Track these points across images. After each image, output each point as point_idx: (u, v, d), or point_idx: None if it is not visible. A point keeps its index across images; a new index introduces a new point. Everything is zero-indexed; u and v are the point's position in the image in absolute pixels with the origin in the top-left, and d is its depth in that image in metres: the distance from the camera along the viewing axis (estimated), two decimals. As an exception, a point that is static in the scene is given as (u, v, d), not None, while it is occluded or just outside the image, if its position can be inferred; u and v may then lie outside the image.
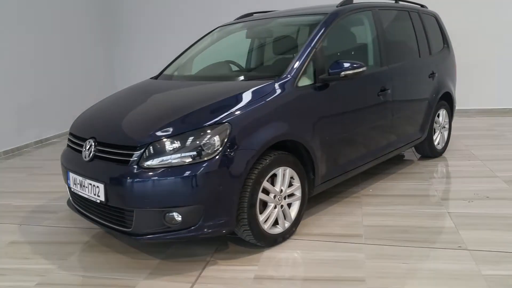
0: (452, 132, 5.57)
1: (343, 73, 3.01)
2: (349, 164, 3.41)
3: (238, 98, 2.71)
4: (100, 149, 2.66)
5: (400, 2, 4.40)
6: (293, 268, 2.56)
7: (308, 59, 3.01)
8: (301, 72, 2.96)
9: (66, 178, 2.93)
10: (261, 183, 2.64)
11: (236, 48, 4.05)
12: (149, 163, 2.44)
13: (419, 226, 3.04)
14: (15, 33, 6.16)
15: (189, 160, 2.43)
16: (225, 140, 2.48)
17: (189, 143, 2.46)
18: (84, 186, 2.71)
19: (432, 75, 4.40)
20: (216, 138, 2.47)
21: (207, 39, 4.13)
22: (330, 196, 3.68)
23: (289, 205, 2.93)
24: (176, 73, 3.77)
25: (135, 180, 2.42)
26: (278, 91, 2.82)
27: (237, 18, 4.37)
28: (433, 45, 4.59)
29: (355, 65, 3.03)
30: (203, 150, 2.45)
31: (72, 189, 2.89)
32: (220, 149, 2.47)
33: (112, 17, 8.46)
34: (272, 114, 2.73)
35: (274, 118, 2.74)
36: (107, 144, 2.64)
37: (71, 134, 3.07)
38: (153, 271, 2.59)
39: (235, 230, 2.67)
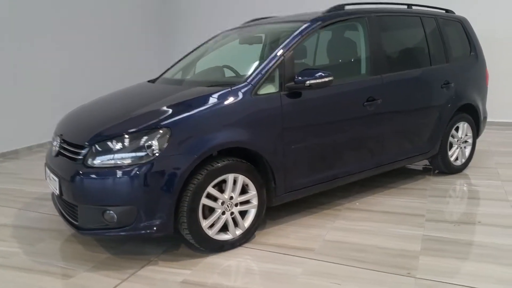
0: (487, 147, 5.11)
1: (308, 82, 2.92)
2: (325, 176, 3.29)
3: (186, 104, 2.75)
4: (63, 146, 2.87)
5: (414, 8, 4.13)
6: (223, 276, 2.55)
7: (273, 68, 2.96)
8: (262, 80, 2.92)
9: (45, 171, 3.19)
10: (204, 188, 2.67)
11: (233, 53, 4.07)
12: (92, 162, 2.58)
13: (380, 247, 2.87)
14: (75, 30, 6.77)
15: (128, 161, 2.54)
16: (164, 144, 2.55)
17: (129, 145, 2.56)
18: (50, 179, 2.93)
19: (446, 84, 4.07)
20: (155, 142, 2.55)
21: (210, 43, 4.21)
22: (311, 207, 3.58)
23: (245, 212, 2.92)
24: (170, 77, 3.90)
25: (78, 177, 2.57)
26: (232, 98, 2.81)
27: (245, 23, 4.40)
28: (453, 52, 4.24)
29: (322, 74, 2.93)
30: (142, 153, 2.54)
31: (47, 181, 3.14)
32: (158, 152, 2.54)
33: (170, 16, 8.99)
34: (220, 121, 2.73)
35: (222, 125, 2.73)
36: (67, 142, 2.84)
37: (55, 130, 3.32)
38: (97, 264, 2.73)
39: (181, 232, 2.73)
